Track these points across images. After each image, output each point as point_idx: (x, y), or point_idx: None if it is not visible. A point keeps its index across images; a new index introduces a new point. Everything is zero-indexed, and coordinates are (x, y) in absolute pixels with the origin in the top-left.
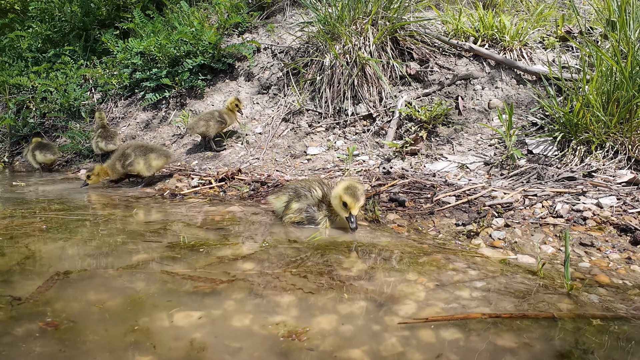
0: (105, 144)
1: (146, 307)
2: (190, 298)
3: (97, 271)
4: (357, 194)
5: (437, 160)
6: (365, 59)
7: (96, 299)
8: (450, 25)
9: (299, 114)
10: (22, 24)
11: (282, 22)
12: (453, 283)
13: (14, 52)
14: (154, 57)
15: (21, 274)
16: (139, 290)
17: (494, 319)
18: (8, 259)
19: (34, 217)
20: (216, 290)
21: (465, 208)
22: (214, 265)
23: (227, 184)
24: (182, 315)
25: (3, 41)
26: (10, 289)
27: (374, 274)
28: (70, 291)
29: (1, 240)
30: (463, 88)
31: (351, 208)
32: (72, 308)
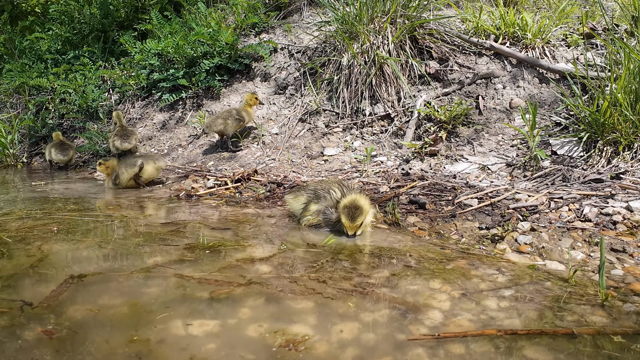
0: (121, 143)
1: (161, 314)
2: (206, 305)
3: (112, 275)
4: (354, 214)
5: (457, 161)
6: (383, 58)
7: (110, 305)
8: (470, 24)
9: (316, 114)
10: (42, 26)
11: (299, 22)
12: (479, 291)
13: (34, 54)
14: (171, 58)
15: (34, 277)
16: (155, 296)
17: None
18: (22, 262)
19: (50, 218)
20: (232, 296)
21: (488, 211)
22: (230, 269)
23: (243, 185)
24: (197, 323)
25: (23, 43)
26: (23, 294)
27: (397, 281)
28: (83, 296)
29: (15, 242)
30: (484, 87)
31: (347, 228)
32: (83, 314)
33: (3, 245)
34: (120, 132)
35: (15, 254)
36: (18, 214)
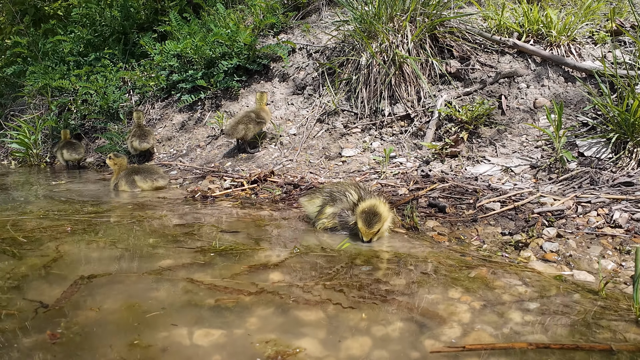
0: (139, 143)
1: (167, 320)
2: (213, 312)
3: (121, 276)
4: (372, 220)
5: (479, 162)
6: (402, 57)
7: (117, 309)
8: (492, 21)
9: (334, 114)
10: (64, 29)
11: (318, 22)
12: (502, 303)
13: (57, 56)
14: (190, 59)
15: (46, 278)
16: (162, 301)
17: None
18: (36, 262)
19: (66, 219)
20: (240, 304)
21: (512, 215)
22: (240, 275)
23: (260, 186)
24: (202, 333)
25: (46, 46)
26: (33, 295)
27: (413, 290)
28: (92, 299)
29: (30, 242)
30: (507, 86)
31: (363, 234)
32: (90, 318)
33: (18, 245)
34: (138, 133)
35: (29, 255)
36: (36, 214)
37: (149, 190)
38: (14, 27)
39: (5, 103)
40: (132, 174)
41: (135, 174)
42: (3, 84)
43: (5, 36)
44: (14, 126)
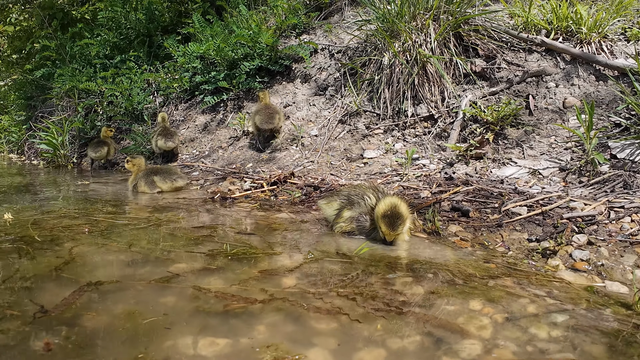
0: (165, 142)
1: (172, 329)
2: (220, 321)
3: (129, 283)
4: (395, 222)
5: (505, 165)
6: (426, 56)
7: (121, 316)
8: (519, 18)
9: (356, 115)
10: (91, 32)
11: (340, 22)
12: (527, 316)
13: (84, 58)
14: (213, 60)
15: (55, 281)
16: (169, 308)
17: None
18: (49, 263)
19: (85, 219)
20: (249, 311)
21: (539, 220)
22: (252, 280)
23: (279, 187)
24: (206, 342)
25: (74, 49)
26: (37, 298)
27: (432, 300)
28: (95, 305)
29: (45, 242)
30: (534, 86)
31: (386, 236)
32: (92, 325)
33: (35, 245)
34: (164, 132)
35: (43, 255)
36: (58, 213)
37: (169, 191)
38: (43, 31)
39: (35, 105)
40: (151, 174)
41: (155, 174)
42: (33, 87)
43: (34, 40)
44: (42, 127)
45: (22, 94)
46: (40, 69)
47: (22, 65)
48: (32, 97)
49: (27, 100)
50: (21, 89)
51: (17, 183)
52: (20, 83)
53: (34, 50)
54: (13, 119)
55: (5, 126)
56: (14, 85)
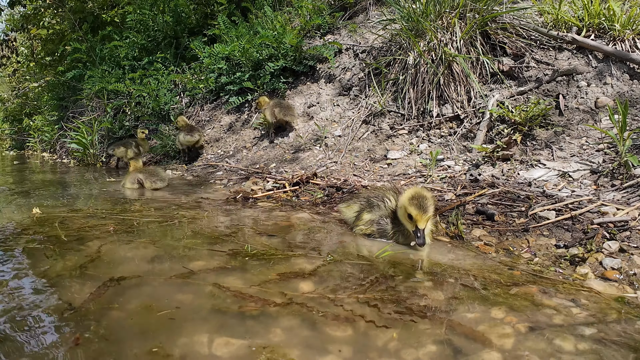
0: (185, 136)
1: (188, 327)
2: (237, 321)
3: (150, 279)
4: (425, 204)
5: (533, 167)
6: (452, 55)
7: (138, 312)
8: (549, 16)
9: (381, 115)
10: (120, 35)
11: (365, 22)
12: (552, 327)
13: (113, 60)
14: (238, 61)
15: (79, 278)
16: (187, 305)
17: None
18: (74, 261)
19: (111, 217)
20: (265, 313)
21: (568, 226)
22: (270, 282)
23: (301, 188)
24: (222, 341)
25: (103, 51)
26: (62, 295)
27: (452, 307)
28: (116, 301)
29: (72, 241)
30: (565, 85)
31: (417, 221)
32: (112, 321)
33: (62, 244)
34: (187, 128)
35: (69, 254)
36: (85, 212)
37: (150, 189)
38: (74, 34)
39: (67, 105)
40: (139, 174)
41: (141, 173)
42: (65, 88)
43: (66, 43)
44: (73, 127)
45: (54, 94)
46: (72, 70)
47: (54, 67)
48: (63, 98)
49: (59, 100)
50: (54, 90)
51: (48, 181)
52: (53, 84)
53: (66, 53)
54: (46, 119)
55: (39, 125)
56: (47, 86)
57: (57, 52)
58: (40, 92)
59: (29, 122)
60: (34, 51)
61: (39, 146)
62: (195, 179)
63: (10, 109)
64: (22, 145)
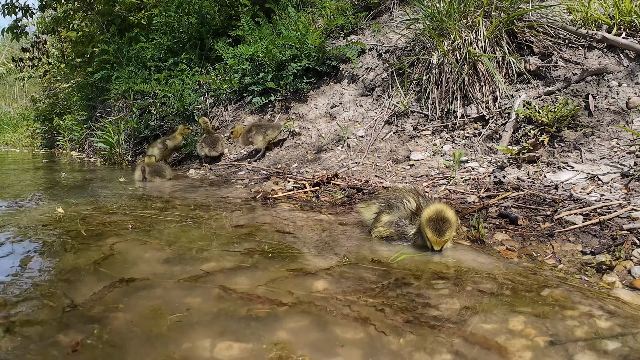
0: (209, 151)
1: (192, 330)
2: (243, 324)
3: (159, 281)
4: (443, 227)
5: (560, 169)
6: (476, 54)
7: (145, 314)
8: (578, 14)
9: (404, 116)
10: (146, 37)
11: (389, 22)
12: (574, 340)
13: (139, 61)
14: (261, 62)
15: (93, 275)
16: (195, 308)
17: None
18: (88, 258)
19: (132, 215)
20: (273, 314)
21: (596, 231)
22: (282, 283)
23: (322, 188)
24: (224, 345)
25: (130, 52)
26: (73, 291)
27: (468, 316)
28: (122, 302)
29: (90, 237)
30: (594, 85)
31: (433, 244)
32: (116, 322)
33: (80, 239)
34: (208, 140)
35: (86, 250)
36: (106, 209)
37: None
38: (103, 36)
39: (95, 106)
40: (146, 167)
41: (148, 167)
42: (93, 88)
43: (95, 45)
44: (100, 127)
45: (83, 95)
46: (100, 71)
47: (84, 68)
48: (92, 98)
49: (88, 101)
50: (83, 90)
51: (74, 179)
52: (82, 85)
53: (95, 54)
54: (75, 118)
55: (68, 125)
56: (76, 87)
57: (87, 54)
58: (70, 92)
59: (59, 121)
60: (64, 53)
61: (68, 145)
62: (217, 179)
63: (41, 108)
64: (52, 144)
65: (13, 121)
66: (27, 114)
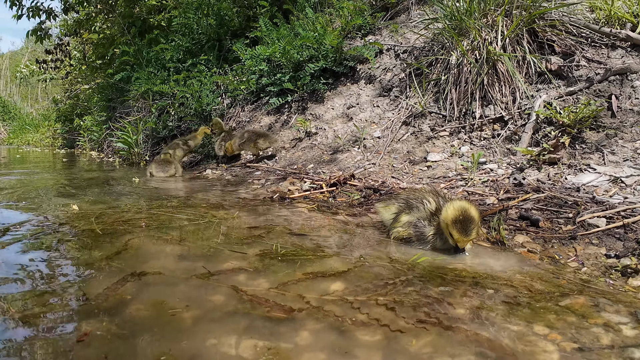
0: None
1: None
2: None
3: (170, 277)
4: (469, 227)
5: (582, 171)
6: (496, 54)
7: (149, 310)
8: (601, 12)
9: (421, 116)
10: (166, 38)
11: (407, 22)
12: (600, 348)
13: (159, 63)
14: (279, 62)
15: (104, 270)
16: (200, 307)
17: None
18: (102, 253)
19: (147, 213)
20: (284, 318)
21: (620, 234)
22: (297, 283)
23: (338, 189)
24: (227, 342)
25: (150, 54)
26: (84, 285)
27: (489, 320)
28: (129, 296)
29: (105, 234)
30: (618, 85)
31: (459, 243)
32: (128, 316)
33: (94, 237)
34: (227, 138)
35: (99, 246)
36: (122, 208)
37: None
38: (123, 38)
39: (115, 106)
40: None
41: (155, 162)
42: (113, 89)
43: (115, 46)
44: (119, 127)
45: (103, 96)
46: (120, 73)
47: (104, 70)
48: (112, 99)
49: (107, 102)
50: (103, 91)
51: (92, 178)
52: (102, 86)
53: (115, 56)
54: (95, 119)
55: (88, 125)
56: (97, 88)
57: (107, 56)
58: (91, 93)
59: (80, 122)
60: (85, 55)
61: (88, 145)
62: (234, 179)
63: (62, 109)
64: (73, 144)
65: (35, 122)
66: (48, 115)
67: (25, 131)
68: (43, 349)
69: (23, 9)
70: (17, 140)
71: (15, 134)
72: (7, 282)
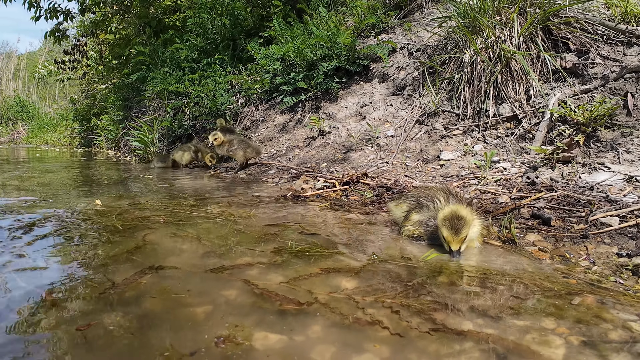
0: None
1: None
2: (274, 317)
3: (185, 271)
4: (458, 225)
5: (596, 170)
6: (510, 52)
7: (161, 300)
8: (617, 9)
9: (434, 115)
10: (181, 38)
11: (420, 20)
12: (607, 342)
13: (174, 63)
14: (292, 61)
15: (125, 263)
16: (212, 300)
17: None
18: (123, 248)
19: (165, 210)
20: (293, 313)
21: (633, 234)
22: (309, 279)
23: (351, 187)
24: (260, 336)
25: (165, 54)
26: (108, 276)
27: (500, 316)
28: (145, 287)
29: (125, 230)
30: (634, 83)
31: (449, 243)
32: (145, 307)
33: (116, 232)
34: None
35: (120, 241)
36: (141, 205)
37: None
38: (139, 38)
39: (131, 106)
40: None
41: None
42: (129, 89)
43: (131, 47)
44: (135, 126)
45: (120, 95)
46: (136, 73)
47: (120, 70)
48: (128, 99)
49: (124, 101)
50: (119, 91)
51: (109, 176)
52: (119, 86)
53: (131, 56)
54: (112, 118)
55: (105, 125)
56: (113, 88)
57: (123, 56)
58: (107, 93)
59: (97, 121)
60: (102, 55)
61: (105, 144)
62: (248, 177)
63: (80, 109)
64: (90, 143)
65: (53, 121)
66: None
67: (43, 130)
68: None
69: (41, 10)
70: (36, 139)
71: (33, 133)
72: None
